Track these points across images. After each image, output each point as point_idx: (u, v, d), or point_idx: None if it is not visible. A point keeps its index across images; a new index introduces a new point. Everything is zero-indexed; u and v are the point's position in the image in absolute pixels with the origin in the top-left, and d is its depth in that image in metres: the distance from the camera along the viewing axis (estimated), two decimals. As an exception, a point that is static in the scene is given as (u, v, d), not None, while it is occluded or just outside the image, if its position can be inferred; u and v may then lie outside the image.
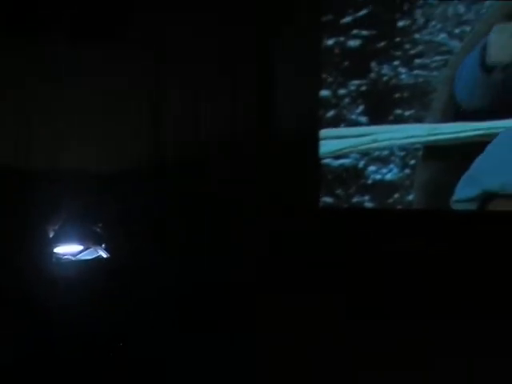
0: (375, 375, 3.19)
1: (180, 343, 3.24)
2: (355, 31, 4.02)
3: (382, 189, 4.03)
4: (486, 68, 3.86)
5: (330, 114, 4.05)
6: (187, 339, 3.25)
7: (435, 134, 4.00)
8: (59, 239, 3.37)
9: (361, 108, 4.03)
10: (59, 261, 3.36)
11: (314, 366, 3.23)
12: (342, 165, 4.06)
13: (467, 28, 3.95)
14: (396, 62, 4.00)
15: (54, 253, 3.35)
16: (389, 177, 4.03)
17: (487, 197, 3.93)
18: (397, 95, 4.01)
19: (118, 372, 3.09)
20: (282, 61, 3.95)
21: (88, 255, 3.40)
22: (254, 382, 3.15)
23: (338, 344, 3.26)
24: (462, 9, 3.95)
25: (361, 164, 4.05)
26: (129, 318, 3.23)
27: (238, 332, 3.24)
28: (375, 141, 4.04)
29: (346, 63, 4.03)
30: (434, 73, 3.98)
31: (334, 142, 4.06)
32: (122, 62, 3.50)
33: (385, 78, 4.01)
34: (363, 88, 4.02)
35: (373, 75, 4.02)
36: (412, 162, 4.02)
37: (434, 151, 4.03)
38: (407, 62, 3.99)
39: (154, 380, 3.08)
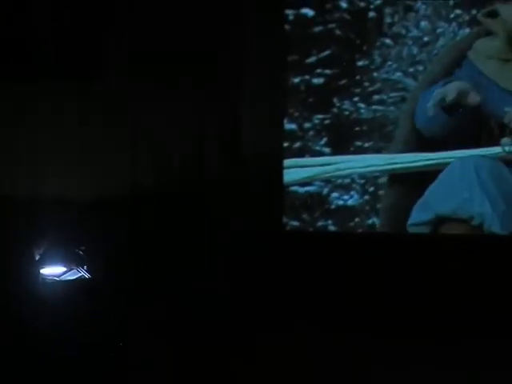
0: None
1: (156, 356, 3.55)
2: (319, 70, 4.36)
3: (344, 213, 4.36)
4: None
5: (297, 145, 4.38)
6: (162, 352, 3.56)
7: (392, 164, 4.34)
8: (45, 261, 3.69)
9: (324, 140, 4.36)
10: (45, 281, 3.67)
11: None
12: (307, 191, 4.39)
13: (420, 67, 4.31)
14: (356, 98, 4.34)
15: (40, 274, 3.67)
16: (350, 202, 4.35)
17: (439, 221, 4.27)
18: (357, 128, 4.35)
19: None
20: (252, 97, 4.29)
21: (71, 276, 3.72)
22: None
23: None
24: (415, 50, 4.31)
25: (325, 191, 4.37)
26: (108, 335, 3.55)
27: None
28: (338, 170, 4.37)
29: (311, 99, 4.37)
30: (391, 108, 4.32)
31: (300, 171, 4.39)
32: (103, 100, 3.83)
33: (346, 113, 4.35)
34: (326, 122, 4.36)
35: (335, 110, 4.35)
36: (371, 188, 4.35)
37: (396, 178, 4.37)
38: (366, 98, 4.33)
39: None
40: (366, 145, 4.34)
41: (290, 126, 4.35)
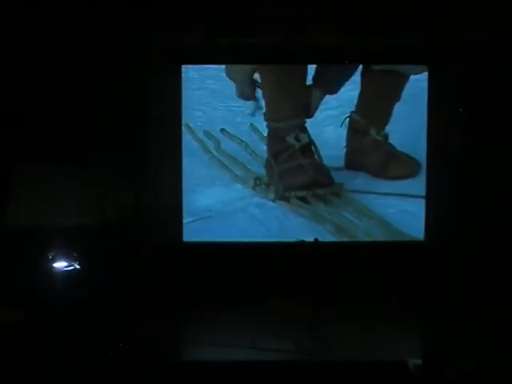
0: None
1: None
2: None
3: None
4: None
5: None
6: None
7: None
8: (55, 260, 6.83)
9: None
10: (55, 270, 6.80)
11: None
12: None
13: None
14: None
15: (53, 266, 6.81)
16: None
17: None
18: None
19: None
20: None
21: (69, 267, 6.87)
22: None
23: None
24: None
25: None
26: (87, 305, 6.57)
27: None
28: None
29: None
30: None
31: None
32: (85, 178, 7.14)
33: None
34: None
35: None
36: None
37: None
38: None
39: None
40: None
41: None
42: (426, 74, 7.52)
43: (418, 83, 7.58)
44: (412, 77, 7.58)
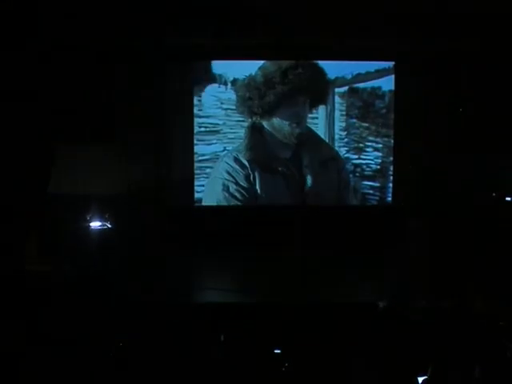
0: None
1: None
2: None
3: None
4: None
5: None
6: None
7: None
8: (91, 220, 8.16)
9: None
10: (91, 228, 8.14)
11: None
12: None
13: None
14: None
15: (89, 225, 8.14)
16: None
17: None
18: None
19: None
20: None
21: (102, 226, 8.20)
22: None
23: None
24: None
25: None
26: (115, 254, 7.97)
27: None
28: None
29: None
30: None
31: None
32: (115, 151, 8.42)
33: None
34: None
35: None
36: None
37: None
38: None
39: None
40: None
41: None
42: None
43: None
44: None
